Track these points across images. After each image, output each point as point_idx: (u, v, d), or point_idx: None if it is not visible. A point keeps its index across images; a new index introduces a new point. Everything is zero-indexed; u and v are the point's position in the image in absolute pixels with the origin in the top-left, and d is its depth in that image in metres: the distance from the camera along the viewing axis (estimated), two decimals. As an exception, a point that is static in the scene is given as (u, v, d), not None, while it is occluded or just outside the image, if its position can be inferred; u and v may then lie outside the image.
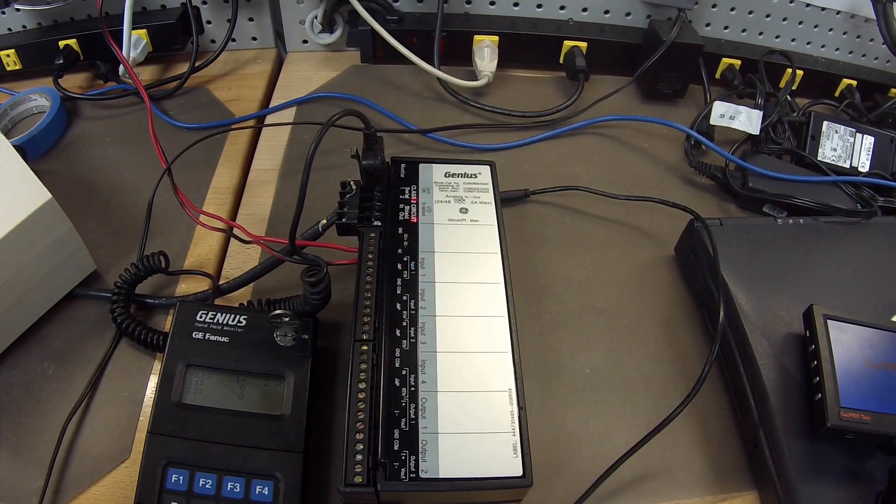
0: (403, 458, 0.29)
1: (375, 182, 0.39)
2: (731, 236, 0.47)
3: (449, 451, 0.29)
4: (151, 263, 0.43)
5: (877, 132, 0.62)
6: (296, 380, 0.37)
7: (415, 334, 0.33)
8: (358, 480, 0.28)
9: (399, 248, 0.37)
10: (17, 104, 0.59)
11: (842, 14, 0.69)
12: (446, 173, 0.41)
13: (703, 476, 0.41)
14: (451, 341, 0.33)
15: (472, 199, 0.40)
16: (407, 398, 0.31)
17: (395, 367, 0.32)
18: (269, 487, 0.34)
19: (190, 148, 0.52)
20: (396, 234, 0.37)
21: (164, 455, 0.34)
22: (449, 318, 0.34)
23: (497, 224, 0.39)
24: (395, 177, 0.41)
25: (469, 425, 0.30)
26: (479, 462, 0.29)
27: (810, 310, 0.40)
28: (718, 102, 0.61)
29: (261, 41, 0.69)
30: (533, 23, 0.67)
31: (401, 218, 0.38)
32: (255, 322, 0.39)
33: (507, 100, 0.64)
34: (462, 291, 0.35)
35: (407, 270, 0.36)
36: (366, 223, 0.38)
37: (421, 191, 0.40)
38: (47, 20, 0.64)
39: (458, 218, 0.39)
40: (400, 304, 0.34)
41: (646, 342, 0.47)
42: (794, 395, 0.40)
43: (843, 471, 0.38)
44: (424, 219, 0.38)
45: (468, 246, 0.37)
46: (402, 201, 0.39)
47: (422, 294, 0.35)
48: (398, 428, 0.30)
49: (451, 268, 0.36)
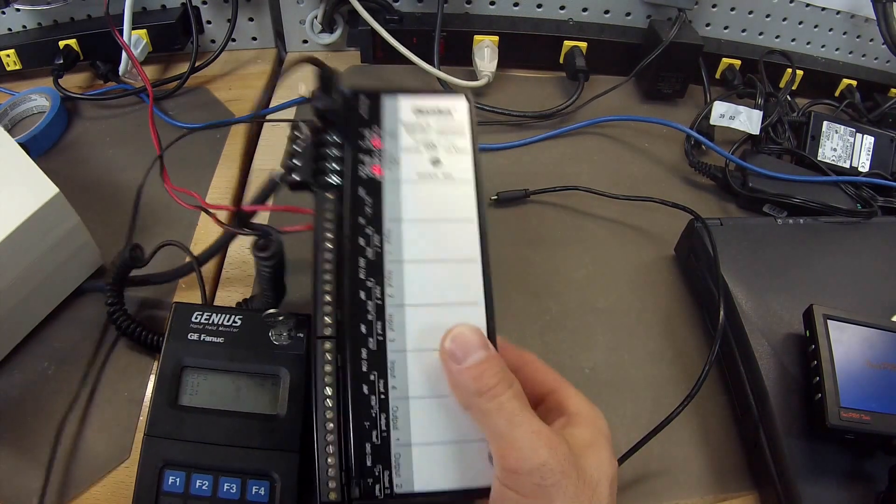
0: (377, 473, 0.27)
1: (332, 125, 0.33)
2: (731, 236, 0.47)
3: (424, 464, 0.27)
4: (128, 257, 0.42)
5: (877, 132, 0.62)
6: (291, 379, 0.37)
7: (382, 330, 0.29)
8: (332, 497, 0.27)
9: (361, 217, 0.31)
10: (17, 104, 0.59)
11: (842, 14, 0.69)
12: (415, 109, 0.34)
13: (703, 476, 0.41)
14: (422, 337, 0.29)
15: (446, 145, 0.33)
16: (377, 408, 0.28)
17: (362, 371, 0.28)
18: (266, 487, 0.34)
19: (190, 141, 0.52)
20: (358, 197, 0.31)
21: (160, 457, 0.34)
22: (419, 307, 0.30)
23: (475, 181, 0.32)
24: (354, 115, 0.34)
25: (444, 434, 0.28)
26: (456, 473, 0.28)
27: (810, 310, 0.40)
28: (718, 102, 0.61)
29: (261, 41, 0.69)
30: (533, 23, 0.67)
31: (362, 174, 0.32)
32: (250, 322, 0.39)
33: (507, 100, 0.64)
34: (433, 272, 0.30)
35: (371, 247, 0.30)
36: (321, 179, 0.32)
37: (385, 134, 0.33)
38: (47, 20, 0.64)
39: (428, 172, 0.32)
40: (364, 291, 0.29)
41: (646, 342, 0.47)
42: (794, 395, 0.40)
43: (843, 471, 0.38)
44: (390, 175, 0.32)
45: (440, 211, 0.32)
46: (364, 150, 0.32)
47: (388, 277, 0.30)
48: (370, 442, 0.27)
49: (421, 241, 0.31)
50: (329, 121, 0.33)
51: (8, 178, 0.41)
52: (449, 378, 0.26)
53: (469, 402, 0.26)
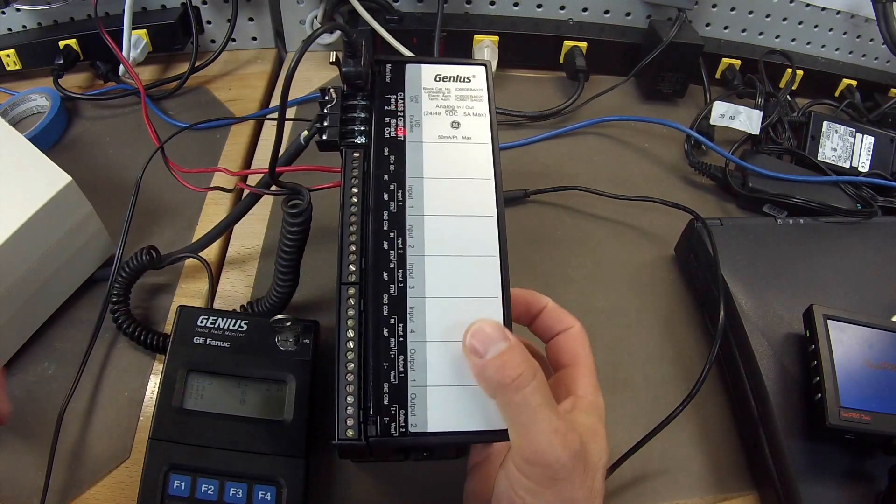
0: (393, 412, 0.28)
1: (359, 90, 0.36)
2: (731, 236, 0.47)
3: (438, 405, 0.29)
4: (144, 259, 0.43)
5: (877, 132, 0.62)
6: (297, 384, 0.37)
7: (403, 277, 0.31)
8: (350, 434, 0.28)
9: (385, 174, 0.33)
10: (17, 104, 0.59)
11: (842, 14, 0.69)
12: (437, 76, 0.37)
13: (703, 476, 0.41)
14: (441, 285, 0.31)
15: (465, 109, 0.36)
16: (395, 350, 0.29)
17: (382, 315, 0.30)
18: (272, 493, 0.34)
19: (190, 141, 0.52)
20: (382, 156, 0.34)
21: (165, 461, 0.34)
22: (437, 258, 0.31)
23: (491, 143, 0.35)
24: (380, 81, 0.36)
25: (459, 377, 0.29)
26: (470, 415, 0.28)
27: (810, 310, 0.40)
28: (718, 102, 0.61)
29: (261, 41, 0.69)
30: (533, 23, 0.67)
31: (387, 134, 0.34)
32: (256, 327, 0.39)
33: (507, 100, 0.64)
34: (452, 226, 0.32)
35: (394, 202, 0.32)
36: (349, 139, 0.34)
37: (408, 99, 0.35)
38: (47, 20, 0.64)
39: (448, 135, 0.35)
40: (387, 242, 0.31)
41: (646, 342, 0.47)
42: (794, 395, 0.40)
43: (843, 471, 0.38)
44: (412, 136, 0.34)
45: (459, 171, 0.34)
46: (388, 113, 0.35)
47: (410, 230, 0.32)
48: (387, 382, 0.29)
49: (442, 198, 0.33)
50: (356, 85, 0.35)
51: (21, 168, 0.41)
52: (474, 370, 0.27)
53: (494, 393, 0.27)
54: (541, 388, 0.26)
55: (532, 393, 0.26)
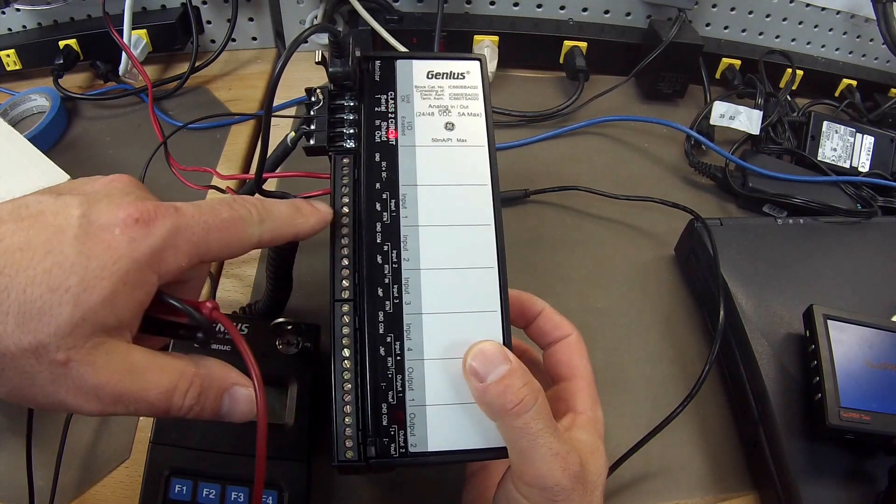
0: (392, 433, 0.28)
1: (347, 90, 0.34)
2: (731, 236, 0.47)
3: (438, 424, 0.28)
4: None
5: (877, 132, 0.62)
6: (299, 388, 0.37)
7: (398, 293, 0.29)
8: (349, 456, 0.27)
9: (377, 182, 0.31)
10: (17, 104, 0.59)
11: (842, 14, 0.69)
12: (429, 73, 0.34)
13: (703, 476, 0.41)
14: (438, 300, 0.30)
15: (460, 109, 0.34)
16: (393, 369, 0.29)
17: (378, 333, 0.29)
18: (274, 497, 0.34)
19: (190, 141, 0.52)
20: (373, 162, 0.32)
21: (166, 465, 0.34)
22: (433, 271, 0.30)
23: (487, 145, 0.33)
24: (369, 80, 0.34)
25: (458, 395, 0.28)
26: (470, 433, 0.28)
27: (810, 310, 0.40)
28: (718, 102, 0.61)
29: (261, 41, 0.69)
30: (533, 23, 0.67)
31: (377, 138, 0.32)
32: (257, 331, 0.38)
33: (507, 100, 0.64)
34: (448, 237, 0.31)
35: (387, 212, 0.31)
36: (337, 143, 0.32)
37: (400, 98, 0.33)
38: (47, 20, 0.64)
39: (442, 137, 0.33)
40: (381, 255, 0.30)
41: (646, 342, 0.47)
42: (794, 395, 0.40)
43: (843, 471, 0.38)
44: (404, 139, 0.32)
45: (454, 176, 0.32)
46: (379, 114, 0.33)
47: (404, 242, 0.30)
48: (385, 402, 0.28)
49: (436, 207, 0.31)
50: (344, 85, 0.33)
51: (20, 167, 0.42)
52: (474, 394, 0.27)
53: (494, 417, 0.27)
54: (542, 412, 0.26)
55: (533, 418, 0.25)
